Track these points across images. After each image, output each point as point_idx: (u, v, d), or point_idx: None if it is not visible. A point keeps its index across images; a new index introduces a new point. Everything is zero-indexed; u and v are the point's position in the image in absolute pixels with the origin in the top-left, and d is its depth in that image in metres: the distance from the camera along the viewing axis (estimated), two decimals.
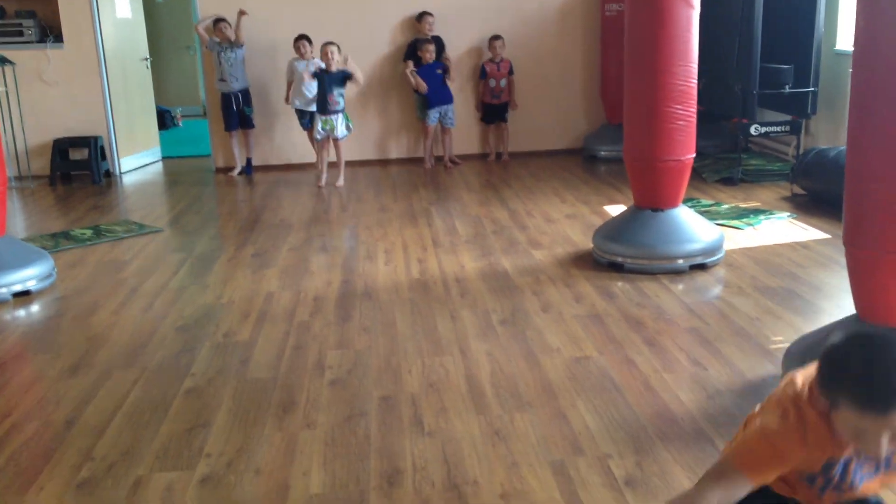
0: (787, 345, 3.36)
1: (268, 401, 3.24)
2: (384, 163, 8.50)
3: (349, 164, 7.90)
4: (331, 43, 7.23)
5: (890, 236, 2.80)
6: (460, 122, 8.37)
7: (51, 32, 8.07)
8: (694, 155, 4.65)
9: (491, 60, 8.15)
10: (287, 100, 7.90)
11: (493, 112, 8.30)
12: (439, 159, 8.32)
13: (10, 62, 7.76)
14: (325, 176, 7.50)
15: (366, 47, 8.14)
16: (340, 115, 7.35)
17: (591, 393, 3.19)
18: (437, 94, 7.96)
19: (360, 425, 3.02)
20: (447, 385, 3.32)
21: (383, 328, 3.99)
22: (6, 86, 7.87)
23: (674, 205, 4.68)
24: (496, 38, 8.06)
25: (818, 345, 3.02)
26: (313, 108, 7.52)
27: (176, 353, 3.75)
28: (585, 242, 5.22)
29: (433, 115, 8.00)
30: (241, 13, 7.75)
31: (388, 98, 8.44)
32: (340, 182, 7.46)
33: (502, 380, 3.35)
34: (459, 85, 8.27)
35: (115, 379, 3.49)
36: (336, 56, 7.19)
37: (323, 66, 7.26)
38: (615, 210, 6.03)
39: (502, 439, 2.88)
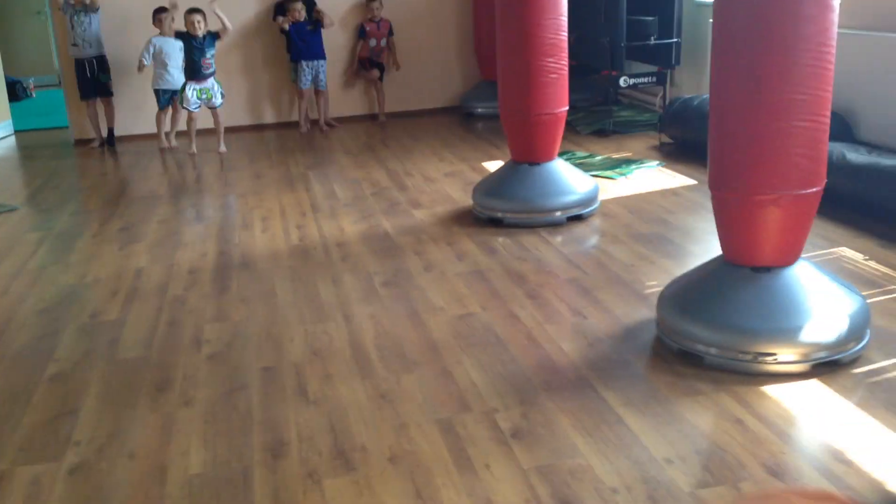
0: (660, 289, 3.45)
1: (140, 381, 3.08)
2: (258, 128, 8.22)
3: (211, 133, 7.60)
4: (196, 10, 6.87)
5: (751, 179, 2.89)
6: (337, 84, 8.18)
7: None
8: (567, 108, 4.69)
9: (371, 20, 7.97)
10: (140, 69, 7.40)
11: (369, 69, 8.13)
12: (315, 123, 8.12)
13: None
14: (194, 144, 7.18)
15: (229, 5, 7.78)
16: (215, 81, 7.05)
17: (475, 349, 3.19)
18: (309, 49, 7.72)
19: (242, 399, 2.92)
20: (331, 351, 3.25)
21: (263, 298, 3.86)
22: None
23: (549, 158, 4.72)
24: None
25: (688, 287, 3.12)
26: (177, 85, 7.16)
27: (37, 338, 3.51)
28: (465, 200, 5.21)
29: (305, 76, 7.77)
30: None
31: (257, 60, 8.14)
32: (223, 148, 7.21)
33: (387, 342, 3.30)
34: (337, 44, 8.04)
35: None
36: (203, 25, 6.84)
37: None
38: (494, 166, 6.05)
39: (389, 402, 2.84)
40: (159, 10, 7.21)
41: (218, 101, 7.12)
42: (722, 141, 2.96)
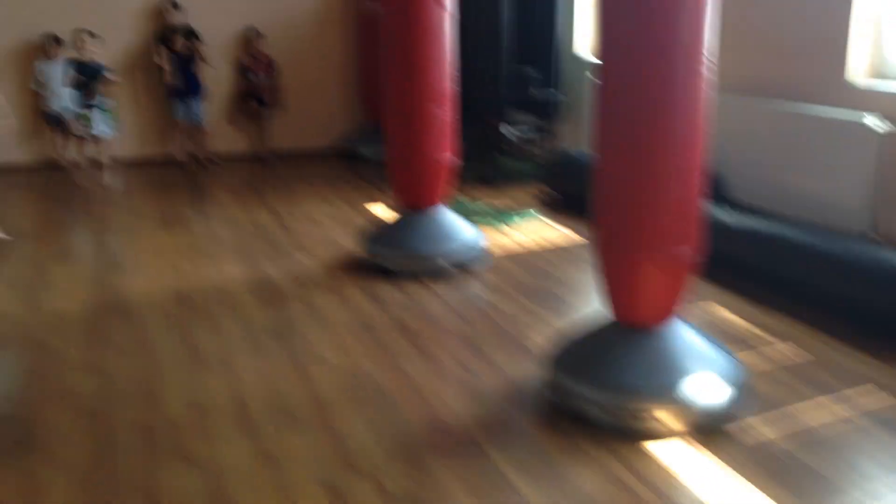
0: (545, 342, 3.51)
1: (1, 438, 2.86)
2: (137, 163, 7.90)
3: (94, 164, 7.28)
4: (83, 30, 6.71)
5: (628, 239, 2.98)
6: (221, 119, 8.00)
7: None
8: (451, 154, 4.74)
9: (251, 55, 7.86)
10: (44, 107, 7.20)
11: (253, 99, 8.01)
12: (196, 158, 7.89)
13: None
14: (84, 174, 7.01)
15: (114, 30, 7.52)
16: (98, 110, 6.82)
17: (363, 406, 3.14)
18: (181, 86, 7.54)
19: (111, 459, 2.75)
20: (211, 406, 3.12)
21: (138, 347, 3.68)
22: None
23: (433, 203, 4.76)
24: (258, 34, 7.80)
25: (572, 344, 3.18)
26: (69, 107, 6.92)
27: None
28: (350, 243, 5.17)
29: (179, 108, 7.58)
30: None
31: (136, 92, 7.86)
32: (107, 180, 7.00)
33: (271, 397, 3.20)
34: (217, 79, 7.87)
35: None
36: (89, 44, 6.67)
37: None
38: (378, 209, 6.04)
39: (272, 462, 2.75)
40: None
41: (101, 129, 6.94)
42: (601, 201, 3.05)
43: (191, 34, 7.59)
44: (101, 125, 6.94)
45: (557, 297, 4.36)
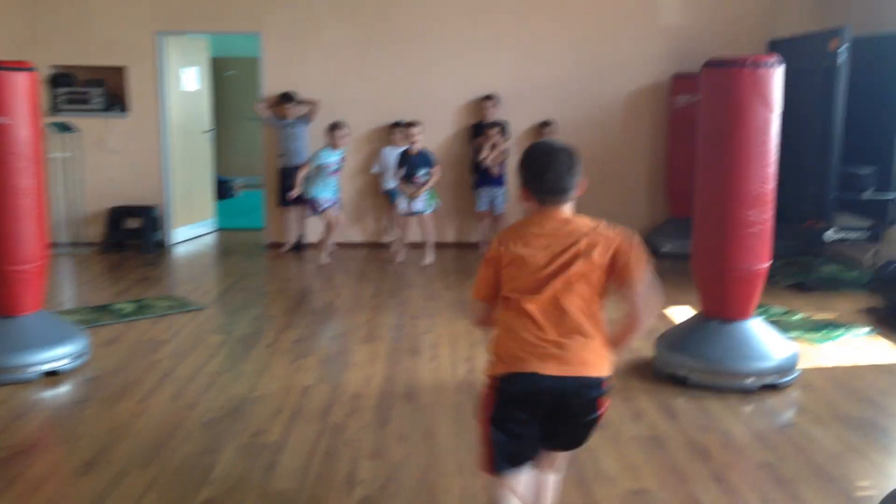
0: (874, 493, 2.96)
1: None
2: (440, 246, 8.29)
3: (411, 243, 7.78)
4: (414, 123, 7.40)
5: None
6: (517, 209, 8.16)
7: (117, 102, 8.17)
8: (768, 264, 4.30)
9: None
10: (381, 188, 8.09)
11: None
12: None
13: (75, 129, 7.85)
14: (402, 252, 7.60)
15: (430, 127, 8.06)
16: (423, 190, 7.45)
17: None
18: (486, 177, 7.80)
19: None
20: None
21: (423, 437, 3.68)
22: (68, 152, 7.94)
23: (744, 316, 4.32)
24: (546, 124, 7.92)
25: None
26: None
27: (198, 454, 3.49)
28: (645, 349, 4.86)
29: (480, 199, 7.85)
30: (316, 102, 7.92)
31: (445, 179, 8.28)
32: (429, 260, 7.47)
33: None
34: (512, 169, 8.07)
35: (129, 479, 3.24)
36: (417, 135, 7.33)
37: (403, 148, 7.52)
38: (679, 313, 5.68)
39: None
40: (399, 125, 7.79)
41: (423, 205, 7.42)
42: None
43: (503, 129, 7.86)
44: (423, 204, 7.42)
45: (885, 432, 3.71)
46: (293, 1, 8.00)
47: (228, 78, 12.38)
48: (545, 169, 2.36)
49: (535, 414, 2.30)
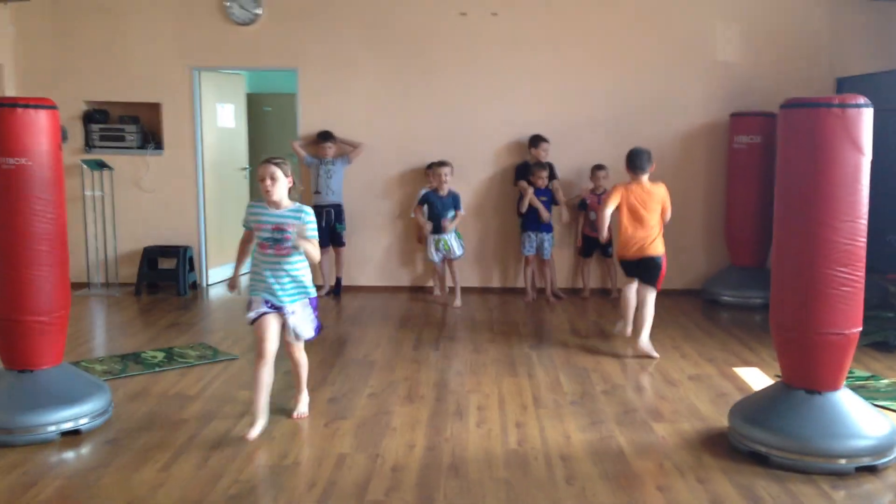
0: None
1: None
2: (483, 291, 7.90)
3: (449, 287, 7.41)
4: (444, 164, 7.16)
5: None
6: (562, 255, 7.76)
7: (152, 139, 7.94)
8: (860, 329, 3.83)
9: (592, 192, 7.54)
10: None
11: (592, 245, 7.63)
12: (542, 291, 7.67)
13: (109, 167, 7.63)
14: (439, 294, 7.53)
15: (469, 167, 7.72)
16: (453, 235, 7.21)
17: None
18: (535, 220, 7.41)
19: None
20: None
21: None
22: (102, 190, 7.72)
23: (834, 387, 3.84)
24: (599, 167, 7.49)
25: None
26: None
27: None
28: (716, 417, 4.41)
29: (530, 243, 7.44)
30: (358, 146, 7.68)
31: (487, 221, 7.91)
32: (458, 303, 7.28)
33: None
34: (555, 214, 7.67)
35: None
36: (448, 178, 7.11)
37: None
38: (748, 374, 5.20)
39: None
40: (440, 165, 7.26)
41: (457, 251, 7.25)
42: None
43: (552, 172, 7.48)
44: (455, 246, 7.19)
45: None
46: (330, 36, 7.74)
47: (265, 114, 12.18)
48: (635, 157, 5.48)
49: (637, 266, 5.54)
